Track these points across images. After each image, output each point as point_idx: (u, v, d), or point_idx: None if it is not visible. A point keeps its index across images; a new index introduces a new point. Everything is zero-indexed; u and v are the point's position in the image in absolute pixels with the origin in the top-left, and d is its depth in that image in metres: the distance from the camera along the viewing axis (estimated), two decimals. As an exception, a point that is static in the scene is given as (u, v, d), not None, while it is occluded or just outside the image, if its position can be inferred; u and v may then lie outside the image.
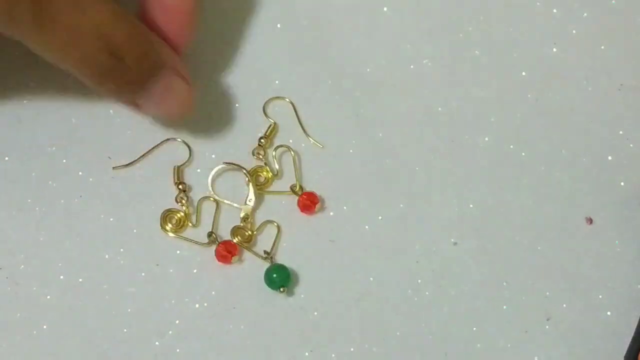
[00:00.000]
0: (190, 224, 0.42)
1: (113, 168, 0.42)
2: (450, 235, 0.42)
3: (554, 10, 0.48)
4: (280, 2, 0.47)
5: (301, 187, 0.43)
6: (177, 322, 0.40)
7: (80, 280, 0.40)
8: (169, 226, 0.41)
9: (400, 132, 0.45)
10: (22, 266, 0.41)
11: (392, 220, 0.42)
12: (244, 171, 0.42)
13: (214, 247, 0.41)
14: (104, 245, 0.41)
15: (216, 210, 0.42)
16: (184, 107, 0.41)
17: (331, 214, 0.43)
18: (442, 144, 0.45)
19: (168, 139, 0.43)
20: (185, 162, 0.43)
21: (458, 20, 0.48)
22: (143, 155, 0.43)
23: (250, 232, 0.41)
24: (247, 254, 0.41)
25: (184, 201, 0.42)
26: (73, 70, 0.38)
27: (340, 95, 0.45)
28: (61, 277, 0.40)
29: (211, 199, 0.42)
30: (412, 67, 0.46)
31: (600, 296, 0.41)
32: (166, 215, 0.42)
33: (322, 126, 0.44)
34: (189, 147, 0.43)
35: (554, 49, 0.47)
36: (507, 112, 0.45)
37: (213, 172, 0.42)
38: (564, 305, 0.41)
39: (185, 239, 0.41)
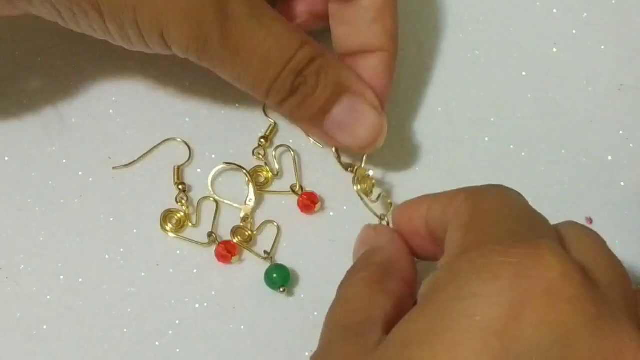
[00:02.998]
0: (190, 224, 0.42)
1: (113, 168, 0.42)
2: (450, 235, 0.42)
3: (554, 10, 0.48)
4: (280, 2, 0.47)
5: (301, 187, 0.43)
6: (177, 322, 0.40)
7: (80, 280, 0.40)
8: (169, 226, 0.41)
9: (400, 132, 0.45)
10: (22, 266, 0.41)
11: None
12: (244, 171, 0.42)
13: (214, 247, 0.41)
14: (104, 245, 0.41)
15: (216, 210, 0.42)
16: (372, 135, 0.40)
17: (331, 214, 0.43)
18: (442, 144, 0.45)
19: (168, 139, 0.43)
20: (185, 162, 0.43)
21: (458, 20, 0.48)
22: (143, 155, 0.43)
23: (250, 232, 0.41)
24: (247, 254, 0.41)
25: (184, 201, 0.42)
26: (257, 94, 0.39)
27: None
28: (61, 277, 0.40)
29: (211, 199, 0.42)
30: (412, 67, 0.46)
31: (600, 296, 0.41)
32: (166, 215, 0.42)
33: (322, 126, 0.44)
34: (189, 147, 0.43)
35: (554, 49, 0.47)
36: (507, 112, 0.45)
37: (213, 172, 0.42)
38: (564, 305, 0.41)
39: (185, 239, 0.41)
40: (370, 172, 0.42)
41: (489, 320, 0.27)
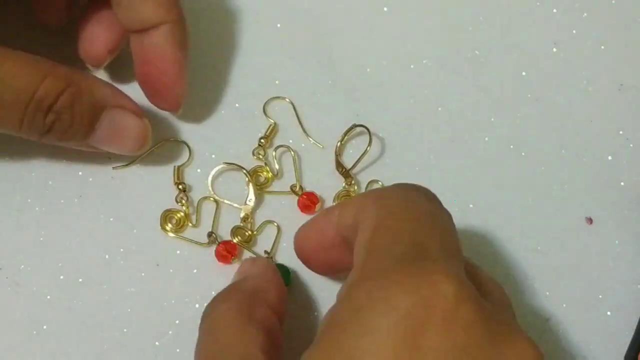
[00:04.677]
0: (190, 224, 0.42)
1: (113, 168, 0.42)
2: (450, 235, 0.42)
3: (554, 10, 0.48)
4: (280, 2, 0.47)
5: (301, 187, 0.43)
6: (177, 322, 0.40)
7: (80, 280, 0.40)
8: (169, 226, 0.41)
9: (400, 132, 0.45)
10: (22, 266, 0.41)
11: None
12: (244, 171, 0.42)
13: (214, 247, 0.41)
14: (104, 245, 0.41)
15: (216, 210, 0.42)
16: (138, 141, 0.40)
17: (331, 214, 0.43)
18: (442, 144, 0.45)
19: (168, 139, 0.43)
20: (185, 162, 0.43)
21: (458, 20, 0.48)
22: (143, 155, 0.43)
23: (250, 232, 0.41)
24: (246, 255, 0.41)
25: (184, 201, 0.42)
26: (17, 134, 0.38)
27: (340, 95, 0.45)
28: (61, 277, 0.40)
29: (211, 199, 0.42)
30: (412, 67, 0.46)
31: (600, 296, 0.41)
32: (166, 215, 0.42)
33: (322, 126, 0.44)
34: (189, 147, 0.43)
35: (554, 49, 0.47)
36: (507, 112, 0.45)
37: (213, 172, 0.42)
38: (564, 305, 0.41)
39: (185, 239, 0.41)
40: (355, 187, 0.43)
41: (390, 353, 0.28)
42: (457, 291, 0.28)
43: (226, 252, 0.41)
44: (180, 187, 0.42)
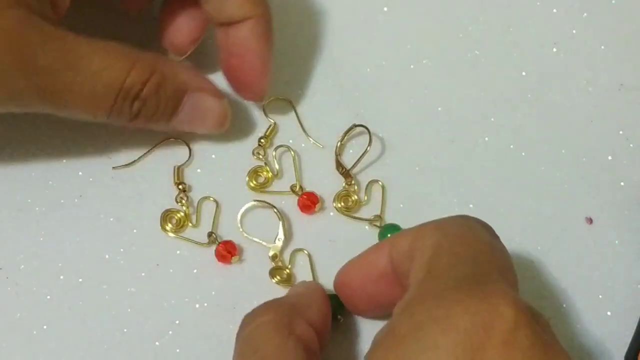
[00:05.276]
0: (190, 224, 0.42)
1: (113, 168, 0.42)
2: (450, 235, 0.42)
3: (554, 10, 0.48)
4: (280, 2, 0.47)
5: (301, 187, 0.43)
6: (177, 322, 0.40)
7: (80, 280, 0.40)
8: (169, 226, 0.41)
9: (400, 132, 0.45)
10: (22, 266, 0.41)
11: (392, 220, 0.42)
12: (275, 210, 0.42)
13: (214, 247, 0.41)
14: (104, 245, 0.41)
15: (216, 210, 0.42)
16: (219, 121, 0.42)
17: (331, 214, 0.43)
18: (442, 144, 0.45)
19: (168, 139, 0.43)
20: (185, 162, 0.43)
21: (458, 20, 0.48)
22: (143, 155, 0.43)
23: (288, 271, 0.41)
24: (247, 255, 0.41)
25: (184, 201, 0.42)
26: (104, 121, 0.39)
27: (340, 95, 0.45)
28: (61, 277, 0.40)
29: (211, 198, 0.42)
30: (412, 67, 0.46)
31: (600, 296, 0.41)
32: (166, 215, 0.42)
33: (322, 126, 0.44)
34: (189, 147, 0.43)
35: (554, 49, 0.47)
36: (507, 112, 0.45)
37: (242, 210, 0.42)
38: (564, 305, 0.41)
39: (185, 239, 0.41)
40: (355, 187, 0.43)
41: None
42: (516, 314, 0.29)
43: (226, 251, 0.41)
44: (180, 187, 0.42)
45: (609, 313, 0.41)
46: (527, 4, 0.48)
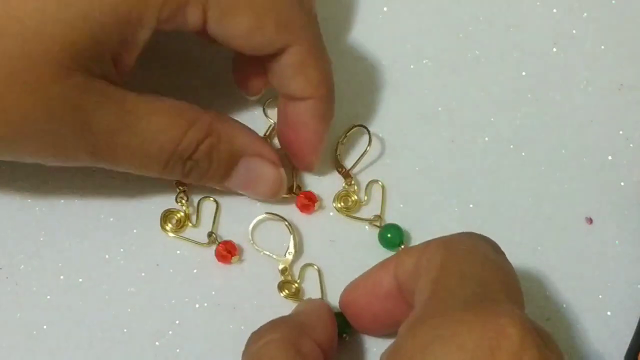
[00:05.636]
0: (190, 224, 0.42)
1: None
2: (450, 235, 0.42)
3: (554, 10, 0.48)
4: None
5: (299, 187, 0.43)
6: (177, 322, 0.40)
7: (80, 280, 0.40)
8: (169, 226, 0.41)
9: (400, 132, 0.45)
10: (22, 266, 0.41)
11: (392, 220, 0.42)
12: (286, 223, 0.42)
13: (214, 247, 0.41)
14: (104, 245, 0.41)
15: (216, 210, 0.42)
16: (273, 189, 0.41)
17: (331, 214, 0.43)
18: (442, 144, 0.45)
19: None
20: None
21: (458, 20, 0.48)
22: None
23: (296, 285, 0.41)
24: (247, 255, 0.41)
25: (183, 201, 0.42)
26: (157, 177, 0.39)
27: (340, 95, 0.45)
28: (61, 277, 0.40)
29: (211, 198, 0.42)
30: (412, 67, 0.46)
31: (600, 296, 0.41)
32: (166, 215, 0.42)
33: (322, 126, 0.44)
34: None
35: (554, 49, 0.47)
36: (507, 112, 0.45)
37: (254, 222, 0.41)
38: (564, 305, 0.41)
39: (186, 239, 0.41)
40: (355, 187, 0.43)
41: None
42: (522, 336, 0.29)
43: (226, 251, 0.41)
44: (180, 187, 0.42)
45: (609, 313, 0.41)
46: (527, 4, 0.48)
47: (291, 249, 0.41)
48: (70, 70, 0.34)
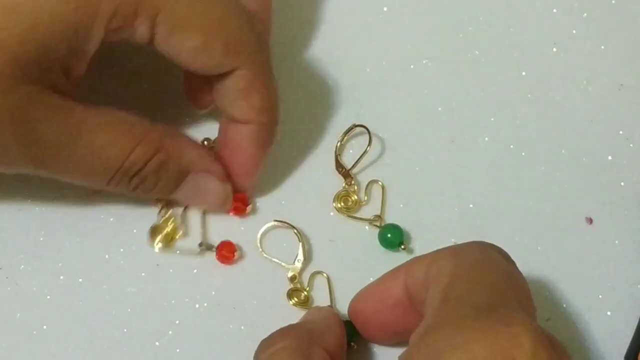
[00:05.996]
0: (179, 235, 0.41)
1: (91, 194, 0.41)
2: (451, 235, 0.42)
3: (554, 10, 0.48)
4: (280, 2, 0.47)
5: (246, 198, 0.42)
6: (177, 322, 0.40)
7: (80, 280, 0.40)
8: (157, 241, 0.41)
9: (400, 132, 0.45)
10: (22, 266, 0.41)
11: (392, 220, 0.42)
12: (295, 231, 0.41)
13: (209, 252, 0.41)
14: (104, 245, 0.41)
15: (202, 219, 0.42)
16: (218, 203, 0.41)
17: (331, 214, 0.43)
18: (442, 144, 0.45)
19: None
20: None
21: (458, 20, 0.48)
22: None
23: (306, 293, 0.40)
24: (247, 255, 0.41)
25: (167, 214, 0.41)
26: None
27: (340, 95, 0.45)
28: (61, 277, 0.40)
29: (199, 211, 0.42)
30: (412, 67, 0.46)
31: (600, 296, 0.41)
32: (154, 230, 0.41)
33: (322, 126, 0.44)
34: None
35: (554, 49, 0.47)
36: (507, 112, 0.45)
37: (263, 229, 0.41)
38: (564, 305, 0.41)
39: (177, 252, 0.41)
40: (355, 187, 0.43)
41: None
42: (535, 344, 0.29)
43: (228, 252, 0.40)
44: (160, 202, 0.41)
45: (609, 313, 0.41)
46: (527, 4, 0.48)
47: (300, 257, 0.41)
48: (18, 81, 0.34)
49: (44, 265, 0.41)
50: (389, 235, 0.41)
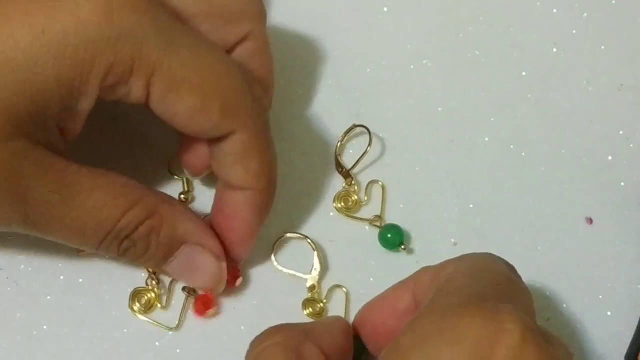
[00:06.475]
0: (159, 305, 0.40)
1: (79, 253, 0.41)
2: (451, 235, 0.42)
3: (554, 10, 0.48)
4: (280, 2, 0.47)
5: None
6: (176, 322, 0.40)
7: (80, 280, 0.40)
8: (137, 306, 0.40)
9: (400, 132, 0.45)
10: (22, 266, 0.41)
11: (392, 220, 0.42)
12: (308, 240, 0.41)
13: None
14: (104, 245, 0.41)
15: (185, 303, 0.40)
16: (211, 282, 0.39)
17: (331, 214, 0.43)
18: (442, 144, 0.45)
19: None
20: None
21: (458, 20, 0.48)
22: None
23: (321, 305, 0.40)
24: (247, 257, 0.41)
25: (154, 282, 0.40)
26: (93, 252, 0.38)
27: (340, 95, 0.45)
28: (61, 277, 0.40)
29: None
30: (412, 67, 0.46)
31: (600, 296, 0.41)
32: (135, 295, 0.40)
33: (322, 126, 0.44)
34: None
35: (554, 49, 0.47)
36: (507, 112, 0.45)
37: (276, 241, 0.41)
38: (564, 305, 0.41)
39: (154, 322, 0.40)
40: (355, 187, 0.43)
41: None
42: (523, 332, 0.29)
43: (202, 305, 0.39)
44: (150, 270, 0.40)
45: (609, 313, 0.41)
46: (527, 4, 0.48)
47: (316, 265, 0.41)
48: (10, 136, 0.33)
49: (44, 265, 0.41)
50: (389, 235, 0.41)
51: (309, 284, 0.41)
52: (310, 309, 0.40)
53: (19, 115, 0.33)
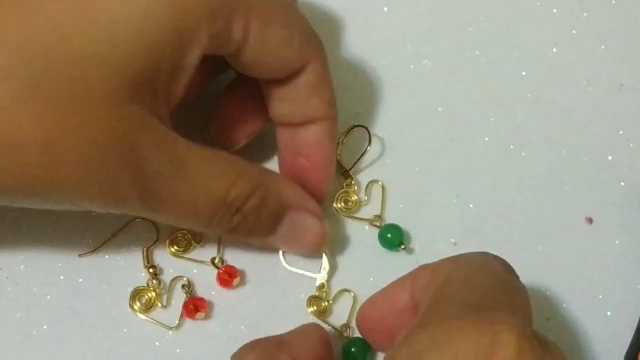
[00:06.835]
0: (160, 305, 0.40)
1: (79, 255, 0.41)
2: (451, 235, 0.42)
3: (554, 10, 0.48)
4: (280, 2, 0.47)
5: (221, 259, 0.41)
6: (176, 322, 0.40)
7: (80, 280, 0.40)
8: (137, 305, 0.40)
9: (400, 132, 0.45)
10: (22, 266, 0.41)
11: (392, 220, 0.42)
12: None
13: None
14: (104, 245, 0.41)
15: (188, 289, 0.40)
16: (316, 242, 0.40)
17: (331, 214, 0.43)
18: (442, 144, 0.45)
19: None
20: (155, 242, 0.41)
21: (458, 20, 0.48)
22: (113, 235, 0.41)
23: (326, 303, 0.40)
24: (247, 256, 0.41)
25: (155, 282, 0.40)
26: (202, 231, 0.38)
27: (340, 95, 0.45)
28: (61, 277, 0.40)
29: (184, 278, 0.40)
30: (412, 67, 0.46)
31: (600, 296, 0.41)
32: (135, 295, 0.40)
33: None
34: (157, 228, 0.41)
35: (554, 49, 0.47)
36: (507, 112, 0.45)
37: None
38: (564, 305, 0.41)
39: (155, 321, 0.40)
40: (355, 187, 0.43)
41: None
42: (519, 343, 0.28)
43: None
44: (150, 270, 0.40)
45: (609, 313, 0.41)
46: (527, 4, 0.48)
47: (325, 265, 0.41)
48: (126, 101, 0.32)
49: (44, 265, 0.41)
50: (389, 235, 0.41)
51: (318, 282, 0.41)
52: (315, 307, 0.40)
53: (134, 77, 0.32)
